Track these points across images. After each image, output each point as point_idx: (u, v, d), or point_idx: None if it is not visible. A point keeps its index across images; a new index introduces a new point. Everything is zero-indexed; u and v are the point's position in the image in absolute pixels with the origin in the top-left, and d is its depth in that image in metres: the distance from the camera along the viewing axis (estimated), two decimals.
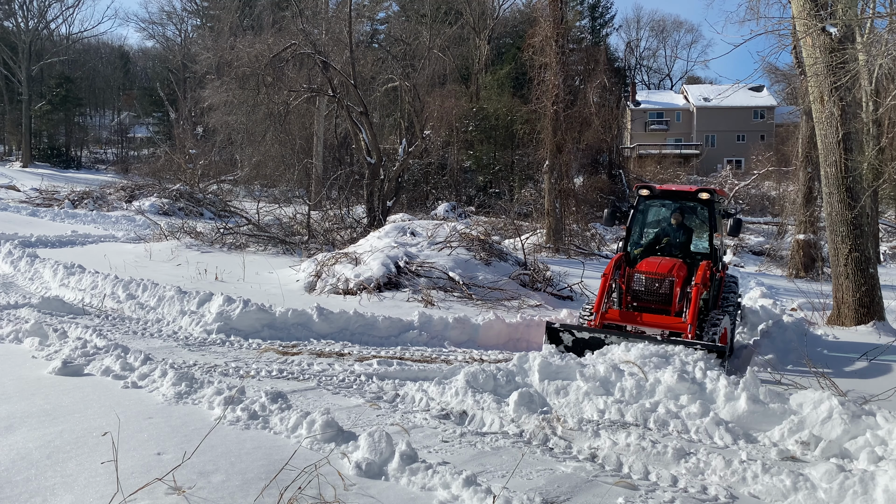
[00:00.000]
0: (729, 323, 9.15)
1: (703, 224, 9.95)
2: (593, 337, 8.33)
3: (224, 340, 8.72)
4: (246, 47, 23.23)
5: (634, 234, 9.93)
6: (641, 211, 10.04)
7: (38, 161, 53.24)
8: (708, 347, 7.67)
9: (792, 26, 12.70)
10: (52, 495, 4.14)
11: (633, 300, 8.97)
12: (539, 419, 6.02)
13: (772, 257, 25.91)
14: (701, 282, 8.52)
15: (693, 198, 9.63)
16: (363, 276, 12.64)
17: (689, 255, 9.44)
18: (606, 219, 10.06)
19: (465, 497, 4.32)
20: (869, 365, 8.86)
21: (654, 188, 9.92)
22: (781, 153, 39.86)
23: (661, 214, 10.39)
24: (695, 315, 8.27)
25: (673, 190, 10.18)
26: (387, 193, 22.34)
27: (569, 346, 8.37)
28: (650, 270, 8.78)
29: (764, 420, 6.05)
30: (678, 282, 8.70)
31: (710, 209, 9.57)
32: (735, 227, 9.53)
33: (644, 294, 8.83)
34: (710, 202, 9.52)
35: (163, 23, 64.70)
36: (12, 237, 17.50)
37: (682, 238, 9.55)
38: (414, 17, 45.43)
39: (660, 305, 8.78)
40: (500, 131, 40.54)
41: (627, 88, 63.77)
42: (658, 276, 8.70)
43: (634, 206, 9.90)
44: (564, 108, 23.36)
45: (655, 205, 10.20)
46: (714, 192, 9.54)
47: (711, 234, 9.58)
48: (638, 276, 8.84)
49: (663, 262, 8.92)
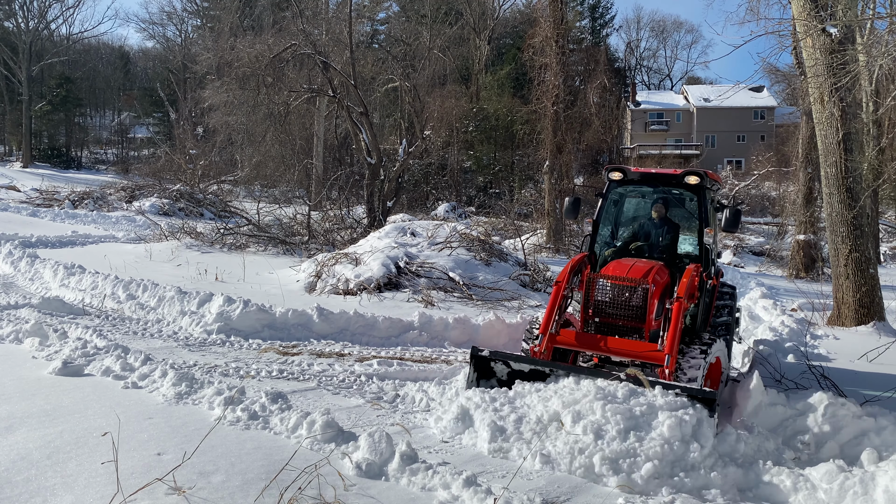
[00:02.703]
0: (722, 349, 7.25)
1: (692, 217, 7.92)
2: (535, 370, 6.27)
3: (224, 341, 8.72)
4: (246, 48, 23.23)
5: (604, 229, 8.04)
6: (613, 200, 8.12)
7: (38, 161, 53.25)
8: (690, 393, 5.60)
9: (792, 27, 12.72)
10: (52, 495, 4.14)
11: (595, 316, 6.82)
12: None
13: (772, 258, 25.90)
14: (686, 293, 6.55)
15: (678, 183, 7.68)
16: (363, 276, 12.64)
17: (673, 258, 7.60)
18: (568, 210, 8.16)
19: (465, 497, 4.32)
20: (869, 365, 8.86)
21: (628, 171, 7.82)
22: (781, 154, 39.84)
23: (640, 205, 8.48)
24: (675, 341, 6.24)
25: (653, 173, 7.93)
26: (387, 194, 22.35)
27: (503, 381, 6.40)
28: (619, 275, 6.75)
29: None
30: (656, 291, 6.69)
31: (701, 198, 7.53)
32: (732, 220, 7.39)
33: (610, 307, 6.73)
34: (699, 189, 7.53)
35: (163, 23, 64.85)
36: (12, 237, 17.49)
37: (664, 236, 7.64)
38: (414, 17, 45.45)
39: (630, 323, 6.69)
40: (501, 132, 40.55)
41: (627, 89, 63.82)
42: (629, 284, 6.66)
43: (604, 193, 7.95)
44: (564, 109, 23.38)
45: (632, 193, 8.28)
46: (705, 176, 7.52)
47: (702, 230, 7.51)
48: (602, 283, 6.78)
49: (637, 264, 6.95)
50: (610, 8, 67.10)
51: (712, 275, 7.84)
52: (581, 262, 7.32)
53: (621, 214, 8.34)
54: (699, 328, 7.40)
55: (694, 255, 7.68)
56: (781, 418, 6.06)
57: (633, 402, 5.53)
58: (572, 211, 8.10)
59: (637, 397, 5.61)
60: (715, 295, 7.96)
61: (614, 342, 6.61)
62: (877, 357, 9.04)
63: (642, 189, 8.08)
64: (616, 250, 7.71)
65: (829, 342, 10.46)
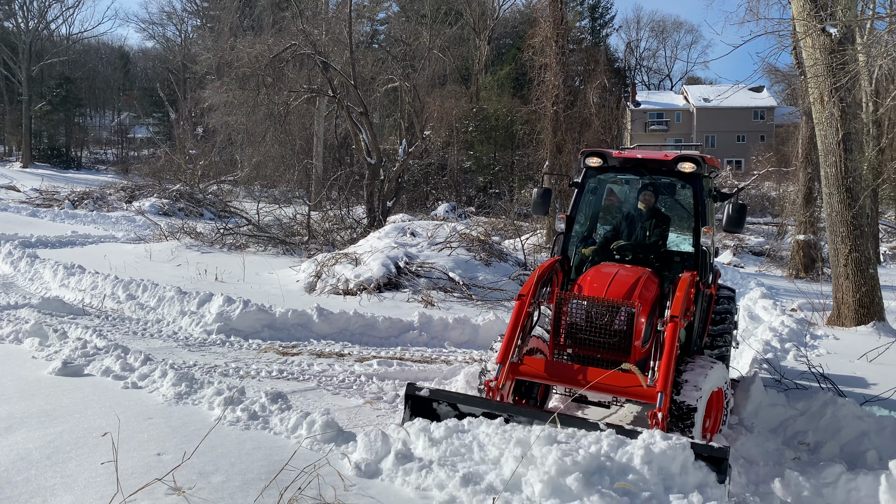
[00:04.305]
0: (722, 375, 5.75)
1: (685, 210, 6.85)
2: (488, 414, 5.00)
3: (224, 341, 8.72)
4: (246, 48, 23.26)
5: (581, 226, 6.87)
6: (591, 191, 6.94)
7: (38, 161, 53.25)
8: (697, 452, 4.29)
9: (792, 27, 12.72)
10: (52, 495, 4.14)
11: (568, 344, 5.62)
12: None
13: (772, 258, 25.89)
14: (681, 311, 5.34)
15: (669, 170, 6.39)
16: (363, 276, 12.65)
17: (662, 260, 6.45)
18: (536, 204, 6.82)
19: (462, 497, 4.28)
20: (869, 365, 8.86)
21: (609, 155, 6.56)
22: (781, 154, 39.86)
23: (624, 196, 7.39)
24: (669, 374, 5.00)
25: (639, 159, 6.56)
26: (387, 194, 22.35)
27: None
28: (595, 294, 5.54)
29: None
30: (643, 310, 5.50)
31: (697, 189, 6.29)
32: (736, 218, 6.08)
33: (585, 333, 5.52)
34: (695, 177, 6.27)
35: (163, 23, 64.83)
36: (12, 237, 17.49)
37: (653, 231, 6.53)
38: (414, 17, 45.43)
39: (611, 355, 5.42)
40: (500, 132, 40.55)
41: (627, 89, 63.80)
42: (608, 305, 5.46)
43: (580, 183, 6.75)
44: (564, 109, 23.40)
45: (616, 181, 7.12)
46: (702, 162, 6.21)
47: (698, 229, 6.19)
48: (576, 305, 5.54)
49: (620, 275, 5.76)
50: (610, 8, 67.09)
51: (710, 282, 6.67)
52: (551, 269, 6.10)
53: (599, 207, 7.24)
54: (694, 342, 6.24)
55: (689, 254, 6.51)
56: (781, 418, 6.07)
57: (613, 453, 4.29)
58: (541, 204, 6.79)
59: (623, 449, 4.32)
60: (713, 303, 6.87)
61: (593, 374, 5.25)
62: (877, 357, 9.03)
63: (626, 177, 6.90)
64: (595, 249, 6.64)
65: (829, 342, 10.46)
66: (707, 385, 5.32)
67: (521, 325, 5.56)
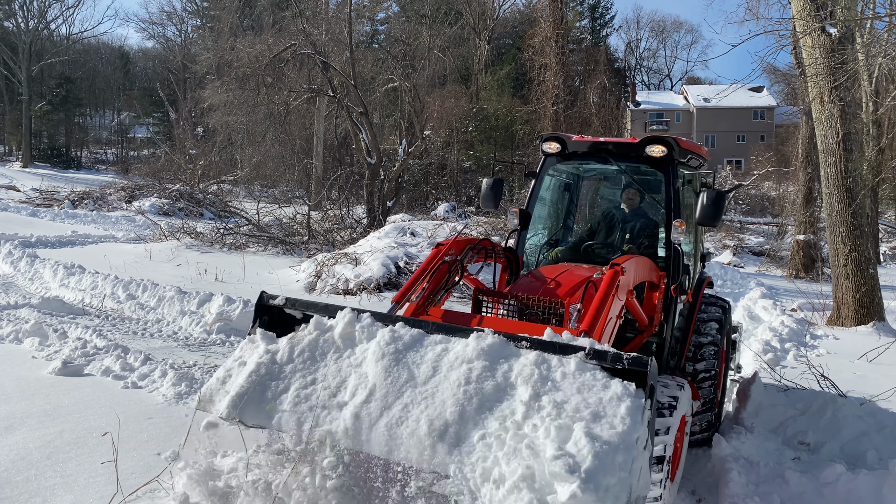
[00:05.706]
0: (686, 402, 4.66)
1: (656, 205, 5.71)
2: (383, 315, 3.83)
3: (224, 341, 8.72)
4: (246, 47, 23.24)
5: (544, 223, 6.11)
6: (563, 186, 6.24)
7: (38, 161, 53.24)
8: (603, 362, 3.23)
9: (791, 26, 12.72)
10: (52, 495, 4.14)
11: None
12: None
13: (772, 258, 25.89)
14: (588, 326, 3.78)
15: (638, 155, 5.41)
16: (363, 276, 12.66)
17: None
18: (485, 196, 5.93)
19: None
20: (869, 365, 8.86)
21: (568, 139, 5.68)
22: (781, 153, 39.88)
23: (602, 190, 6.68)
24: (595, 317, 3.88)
25: (602, 143, 5.62)
26: (387, 194, 22.36)
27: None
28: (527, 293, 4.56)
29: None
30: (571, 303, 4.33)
31: (668, 176, 5.35)
32: (711, 209, 5.05)
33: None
34: (667, 163, 5.33)
35: (163, 23, 64.82)
36: (12, 237, 17.50)
37: (635, 235, 5.72)
38: (414, 17, 45.41)
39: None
40: (500, 132, 40.54)
41: (627, 89, 63.81)
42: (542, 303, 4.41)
43: (537, 173, 5.90)
44: (564, 109, 23.44)
45: (589, 174, 6.32)
46: (675, 145, 5.31)
47: (669, 221, 5.27)
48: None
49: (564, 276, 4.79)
50: (610, 8, 67.09)
51: (688, 287, 5.65)
52: (489, 247, 5.24)
53: (576, 202, 6.36)
54: (665, 359, 5.35)
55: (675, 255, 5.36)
56: (781, 418, 6.07)
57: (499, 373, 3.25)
58: (491, 197, 5.92)
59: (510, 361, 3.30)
60: (696, 314, 5.78)
61: (508, 325, 4.24)
62: (877, 357, 9.04)
63: (592, 165, 5.92)
64: (563, 251, 5.83)
65: (829, 342, 10.46)
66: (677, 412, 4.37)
67: (431, 272, 4.58)
